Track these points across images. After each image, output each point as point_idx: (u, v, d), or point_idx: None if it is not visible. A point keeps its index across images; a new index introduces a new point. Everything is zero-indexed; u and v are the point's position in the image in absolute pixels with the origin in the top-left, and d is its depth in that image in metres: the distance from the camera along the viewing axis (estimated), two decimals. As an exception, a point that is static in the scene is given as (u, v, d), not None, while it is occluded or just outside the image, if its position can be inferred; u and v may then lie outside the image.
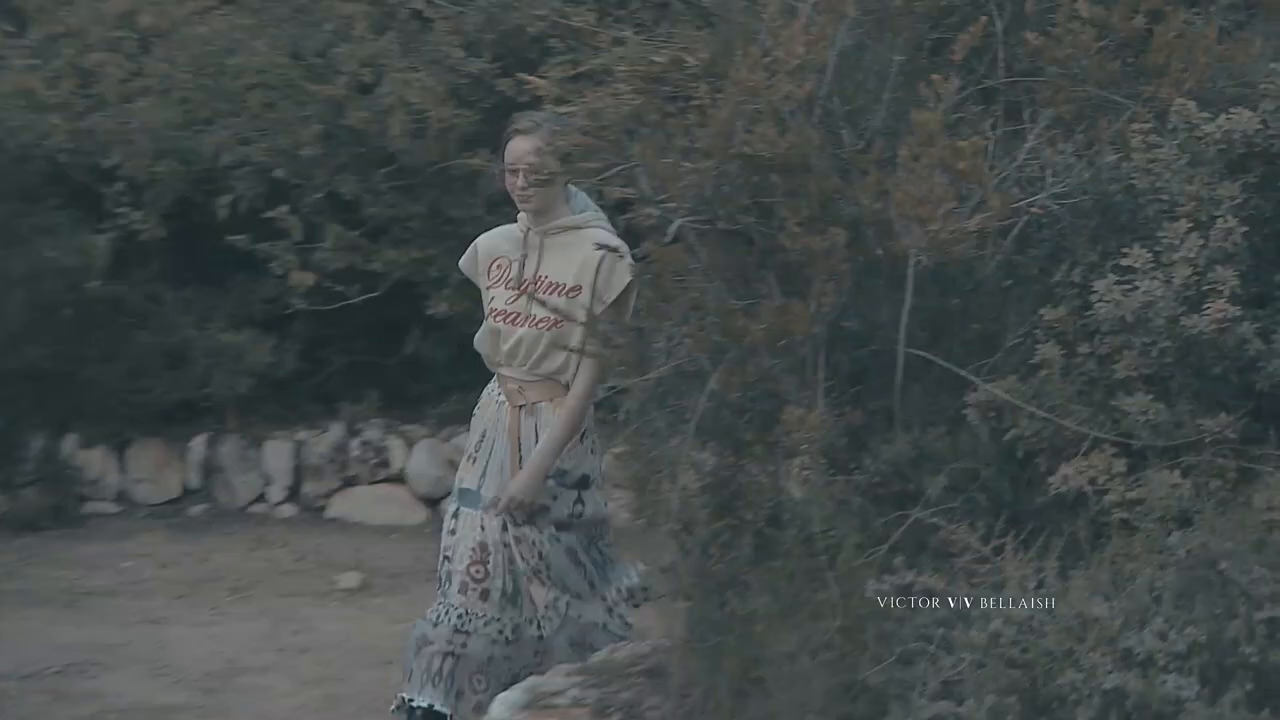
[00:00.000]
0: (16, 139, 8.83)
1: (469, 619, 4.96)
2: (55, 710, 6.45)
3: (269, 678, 6.65)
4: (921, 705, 2.95)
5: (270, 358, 9.14)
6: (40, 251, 8.87)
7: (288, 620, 7.31)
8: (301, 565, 8.47)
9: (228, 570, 8.39)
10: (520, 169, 4.77)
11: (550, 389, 4.94)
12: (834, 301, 3.81)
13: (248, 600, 7.91)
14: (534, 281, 4.89)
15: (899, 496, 3.75)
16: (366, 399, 9.33)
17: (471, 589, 4.96)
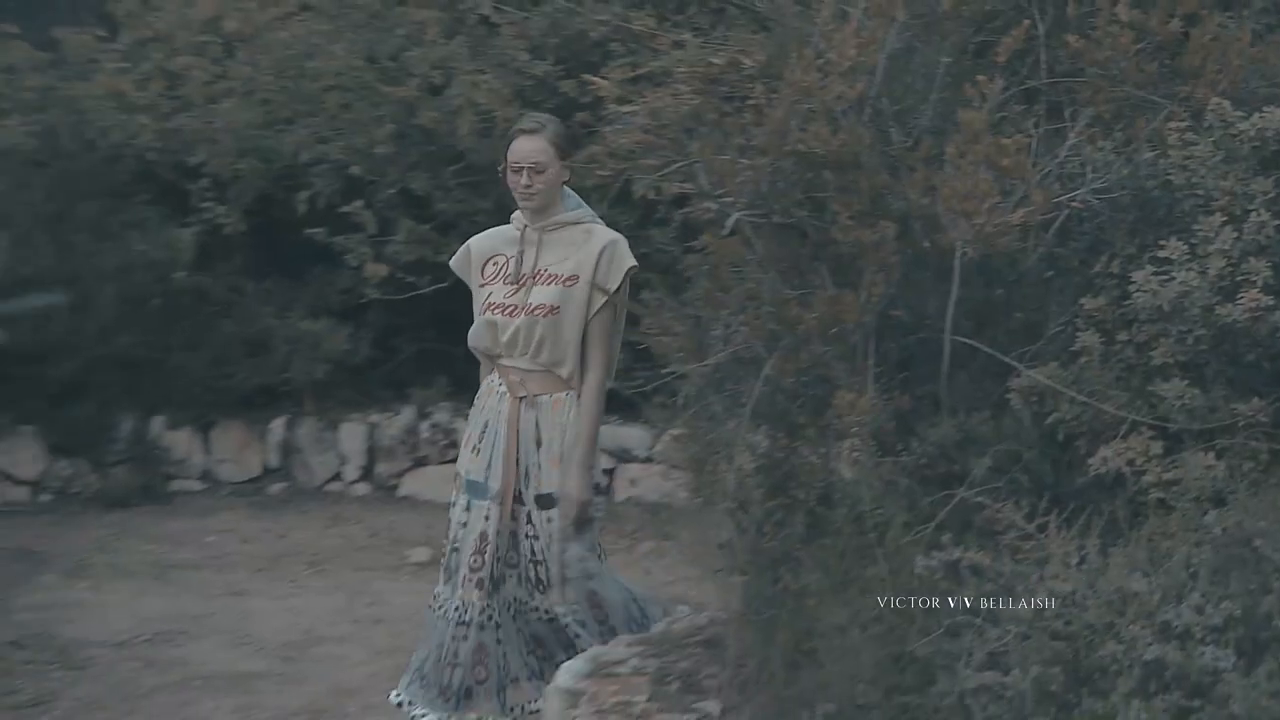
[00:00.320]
0: (108, 139, 8.91)
1: (466, 609, 4.87)
2: (145, 677, 6.49)
3: (344, 647, 6.68)
4: (968, 675, 2.95)
5: (346, 345, 9.19)
6: (130, 245, 8.94)
7: (362, 593, 7.34)
8: (374, 541, 8.51)
9: (305, 545, 8.44)
10: (525, 168, 4.75)
11: (550, 382, 4.89)
12: (883, 292, 3.81)
13: (324, 574, 7.95)
14: (533, 275, 4.84)
15: (945, 477, 3.75)
16: (436, 384, 9.35)
17: (469, 580, 4.88)
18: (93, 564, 8.11)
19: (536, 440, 4.89)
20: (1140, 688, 2.75)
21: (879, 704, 3.18)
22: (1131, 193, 3.94)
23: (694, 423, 4.24)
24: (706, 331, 4.15)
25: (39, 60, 9.16)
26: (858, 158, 3.90)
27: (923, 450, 3.80)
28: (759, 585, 4.00)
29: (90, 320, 8.69)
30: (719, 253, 4.08)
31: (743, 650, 4.06)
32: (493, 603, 4.90)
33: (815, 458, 3.96)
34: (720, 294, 4.13)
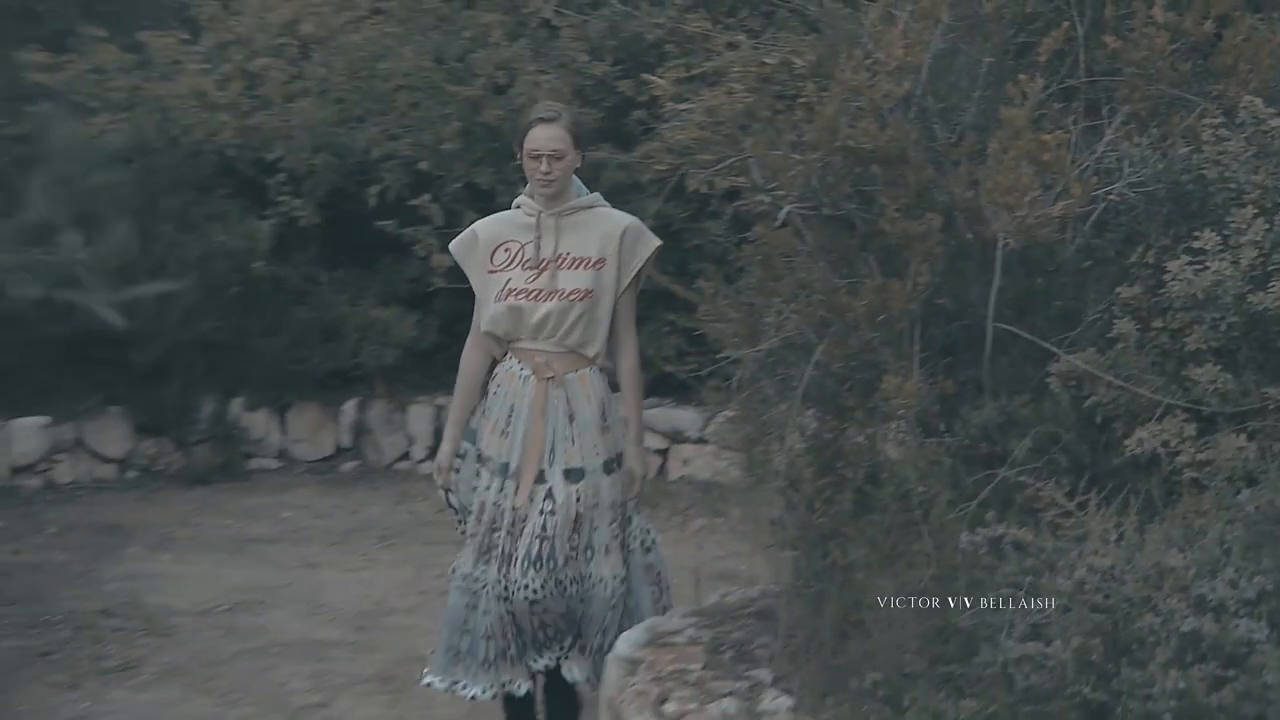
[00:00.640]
0: (191, 136, 8.99)
1: (512, 586, 4.71)
2: (226, 643, 6.56)
3: (413, 618, 6.72)
4: (1010, 646, 2.95)
5: (414, 331, 9.25)
6: (211, 236, 9.01)
7: (430, 566, 7.34)
8: (441, 517, 8.42)
9: (376, 521, 8.51)
10: (544, 154, 4.65)
11: (575, 361, 4.79)
12: (928, 281, 3.81)
13: (393, 548, 8.01)
14: (555, 259, 4.73)
15: (987, 458, 3.74)
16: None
17: (511, 558, 4.73)
18: (176, 537, 8.21)
19: (569, 415, 4.78)
20: (1177, 658, 2.75)
21: (924, 673, 3.18)
22: (1166, 186, 3.92)
23: (747, 405, 4.23)
24: (759, 318, 4.15)
25: (126, 62, 9.25)
26: (904, 153, 3.89)
27: (966, 432, 3.79)
28: (809, 560, 4.01)
29: (174, 307, 8.77)
30: (771, 243, 4.08)
31: (793, 621, 4.07)
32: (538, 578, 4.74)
33: (863, 438, 3.96)
34: (773, 283, 4.12)
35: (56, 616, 6.85)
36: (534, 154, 4.68)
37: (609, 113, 8.78)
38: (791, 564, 4.13)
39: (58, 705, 5.89)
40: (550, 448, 4.75)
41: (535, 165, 4.69)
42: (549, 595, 4.69)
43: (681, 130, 4.41)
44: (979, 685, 3.02)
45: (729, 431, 4.84)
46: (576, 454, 4.77)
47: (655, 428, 9.00)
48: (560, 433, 4.76)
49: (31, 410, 9.00)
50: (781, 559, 4.21)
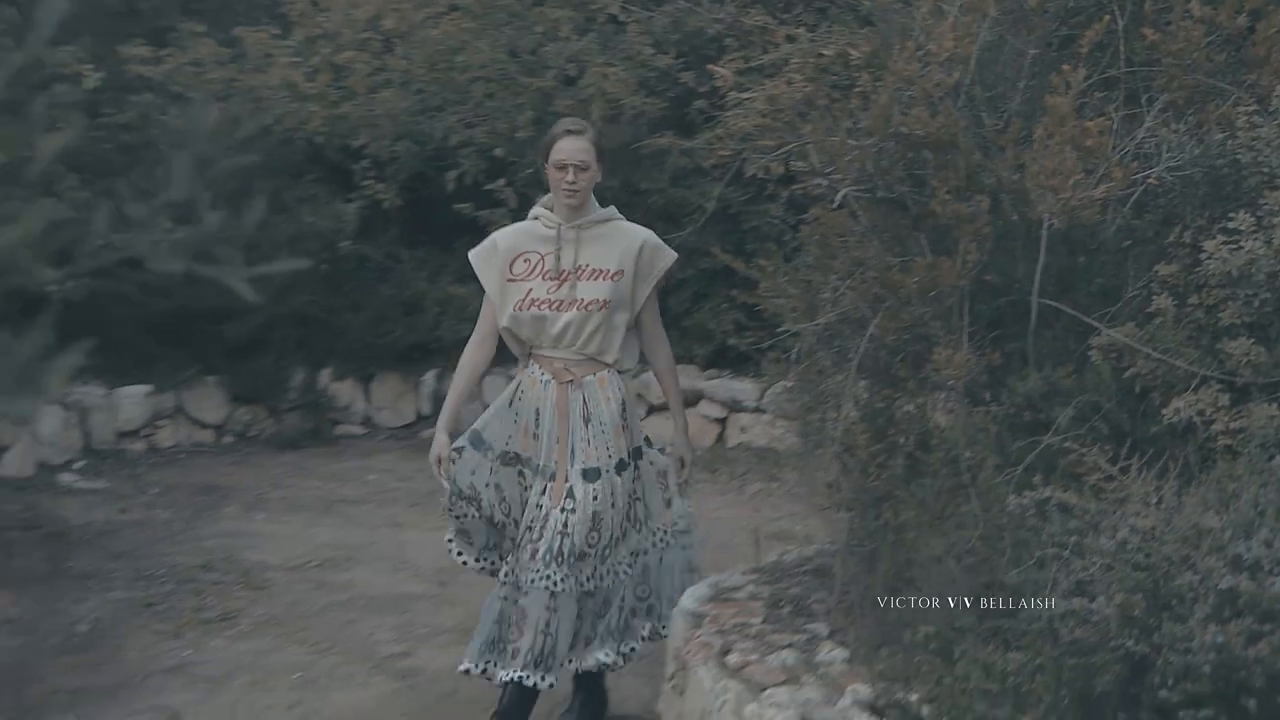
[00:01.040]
0: (282, 124, 9.06)
1: (555, 580, 4.61)
2: (316, 596, 6.66)
3: (491, 573, 6.78)
4: (1054, 601, 2.95)
5: (488, 307, 9.28)
6: (301, 218, 9.10)
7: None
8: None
9: (455, 483, 8.57)
10: (572, 165, 4.58)
11: (593, 366, 4.70)
12: (977, 259, 3.80)
13: (471, 508, 8.06)
14: (575, 271, 4.63)
15: (1032, 425, 3.74)
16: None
17: (549, 554, 4.62)
18: (269, 498, 8.33)
19: (585, 417, 4.69)
20: (1215, 614, 2.74)
21: (973, 627, 3.18)
22: (1202, 170, 3.90)
23: (805, 376, 4.24)
24: (817, 294, 4.15)
25: (222, 55, 9.33)
26: (954, 139, 3.88)
27: (1011, 401, 3.79)
28: (862, 520, 4.02)
29: (267, 284, 8.85)
30: (829, 224, 4.09)
31: (848, 578, 4.09)
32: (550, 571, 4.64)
33: (914, 407, 3.96)
34: (829, 261, 4.13)
35: (160, 570, 6.98)
36: (561, 164, 4.61)
37: (672, 103, 8.82)
38: (846, 524, 4.14)
39: (162, 652, 5.99)
40: (570, 448, 4.69)
41: (561, 175, 4.62)
42: (567, 591, 4.62)
43: (744, 118, 4.42)
44: (1025, 639, 3.02)
45: (786, 401, 4.84)
46: (593, 454, 4.70)
47: (715, 397, 9.04)
48: (578, 434, 4.69)
49: (136, 380, 9.12)
50: (837, 520, 4.22)
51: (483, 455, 4.82)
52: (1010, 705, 2.91)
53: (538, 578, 4.61)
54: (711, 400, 9.06)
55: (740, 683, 3.81)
